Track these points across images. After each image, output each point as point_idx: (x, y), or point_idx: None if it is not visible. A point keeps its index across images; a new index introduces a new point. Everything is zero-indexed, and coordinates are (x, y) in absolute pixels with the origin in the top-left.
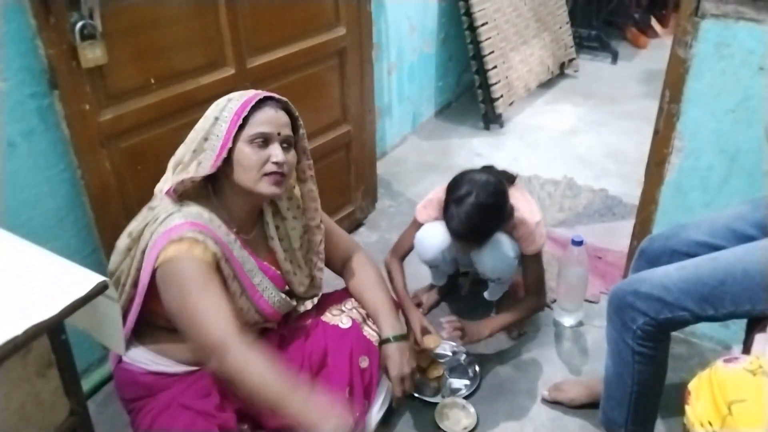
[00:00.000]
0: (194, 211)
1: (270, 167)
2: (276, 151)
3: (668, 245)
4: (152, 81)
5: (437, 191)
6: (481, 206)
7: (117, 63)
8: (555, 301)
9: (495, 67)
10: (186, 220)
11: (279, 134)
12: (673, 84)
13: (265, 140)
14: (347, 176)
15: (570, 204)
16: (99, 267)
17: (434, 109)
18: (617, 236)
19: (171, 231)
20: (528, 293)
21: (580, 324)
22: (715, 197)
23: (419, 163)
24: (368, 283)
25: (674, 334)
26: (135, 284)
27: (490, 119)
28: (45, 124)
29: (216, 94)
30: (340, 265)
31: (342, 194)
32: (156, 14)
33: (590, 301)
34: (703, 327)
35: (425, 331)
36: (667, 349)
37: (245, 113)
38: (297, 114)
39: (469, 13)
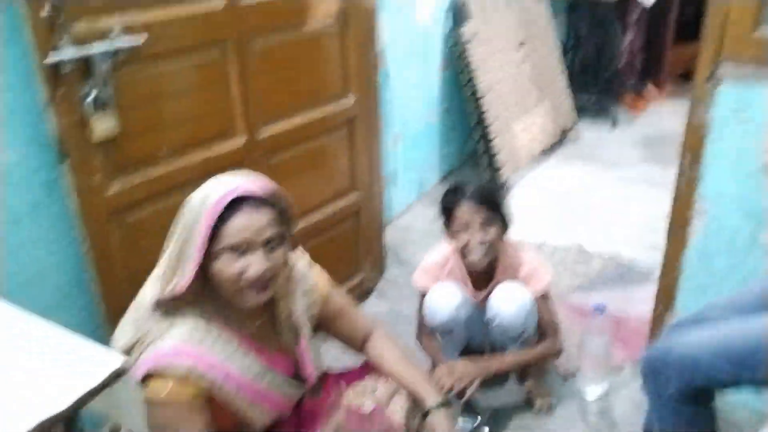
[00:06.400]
0: (187, 326)
1: (249, 279)
2: (255, 260)
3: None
4: (164, 150)
5: (431, 257)
6: (484, 186)
7: (127, 135)
8: (577, 370)
9: (498, 135)
10: (174, 345)
11: (260, 239)
12: (692, 147)
13: (243, 250)
14: (355, 245)
15: (583, 270)
16: (104, 343)
17: (439, 177)
18: (633, 303)
19: (157, 358)
20: (543, 336)
21: (606, 394)
22: (742, 260)
23: (426, 231)
24: (397, 356)
25: None
26: None
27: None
28: (51, 197)
29: (225, 166)
30: (360, 343)
31: (350, 264)
32: (168, 85)
33: (614, 370)
34: (737, 395)
35: None
36: (710, 415)
37: (214, 221)
38: (286, 204)
39: (471, 83)
